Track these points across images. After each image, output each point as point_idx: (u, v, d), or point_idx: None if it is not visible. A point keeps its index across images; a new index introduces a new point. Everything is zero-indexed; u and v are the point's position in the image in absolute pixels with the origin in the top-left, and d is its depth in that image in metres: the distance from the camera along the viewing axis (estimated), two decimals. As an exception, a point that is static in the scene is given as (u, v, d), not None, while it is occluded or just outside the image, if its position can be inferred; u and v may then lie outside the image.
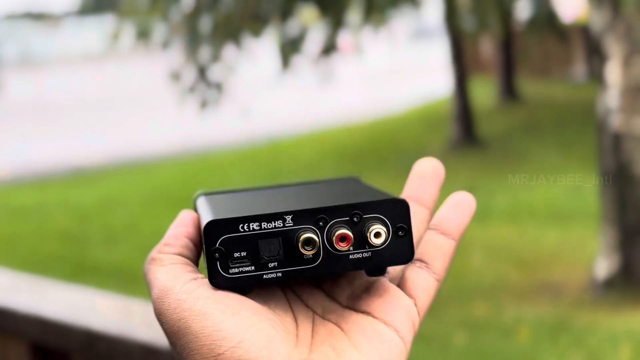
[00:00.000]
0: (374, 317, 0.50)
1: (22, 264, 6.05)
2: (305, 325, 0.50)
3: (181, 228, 0.57)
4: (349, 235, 0.49)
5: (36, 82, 24.51)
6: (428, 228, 0.55)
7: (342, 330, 0.50)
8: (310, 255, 0.49)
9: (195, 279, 0.50)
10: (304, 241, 0.48)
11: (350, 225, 0.49)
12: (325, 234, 0.49)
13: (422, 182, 0.55)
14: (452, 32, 10.02)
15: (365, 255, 0.50)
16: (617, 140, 4.70)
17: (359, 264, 0.50)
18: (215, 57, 7.16)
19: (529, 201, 7.02)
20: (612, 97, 4.70)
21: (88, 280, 5.61)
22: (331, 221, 0.49)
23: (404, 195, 0.55)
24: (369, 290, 0.52)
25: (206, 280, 0.50)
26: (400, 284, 0.53)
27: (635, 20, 4.63)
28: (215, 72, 7.30)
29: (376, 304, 0.51)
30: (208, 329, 0.47)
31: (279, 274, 0.49)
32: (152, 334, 0.92)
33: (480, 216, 6.66)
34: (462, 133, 10.01)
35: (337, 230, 0.49)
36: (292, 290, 0.53)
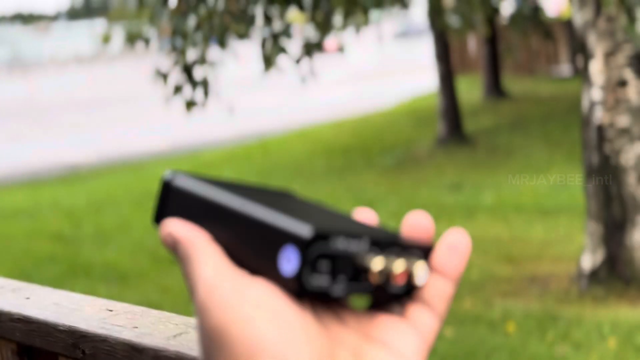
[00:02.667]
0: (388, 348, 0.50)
1: (14, 265, 6.08)
2: (335, 325, 0.50)
3: None
4: (409, 273, 0.50)
5: (27, 83, 24.44)
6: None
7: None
8: (374, 281, 0.48)
9: (242, 276, 0.48)
10: (376, 266, 0.48)
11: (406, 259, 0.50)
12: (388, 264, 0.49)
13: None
14: (436, 29, 10.07)
15: (400, 291, 0.50)
16: (601, 134, 4.76)
17: (393, 297, 0.51)
18: (201, 57, 7.19)
19: (515, 196, 7.08)
20: (595, 92, 4.76)
21: (80, 280, 5.64)
22: (400, 255, 0.49)
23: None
24: (380, 324, 0.51)
25: (259, 281, 0.48)
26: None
27: (617, 16, 4.69)
28: (200, 72, 7.33)
29: (390, 336, 0.50)
30: (249, 337, 0.45)
31: (345, 292, 0.48)
32: (136, 333, 0.96)
33: (468, 212, 6.71)
34: (449, 129, 10.07)
35: (400, 265, 0.49)
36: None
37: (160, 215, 0.53)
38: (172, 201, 0.53)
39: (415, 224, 0.54)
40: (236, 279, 0.48)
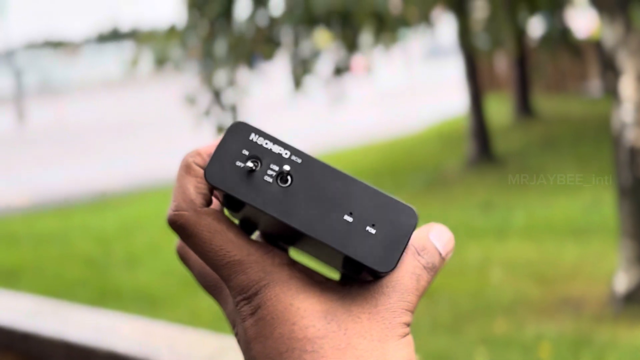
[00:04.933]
0: None
1: (46, 290, 6.12)
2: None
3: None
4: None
5: (57, 109, 24.73)
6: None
7: None
8: None
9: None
10: None
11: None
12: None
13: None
14: (466, 49, 10.06)
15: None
16: (633, 155, 4.71)
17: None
18: (230, 80, 7.24)
19: (547, 216, 7.02)
20: (626, 111, 4.71)
21: (111, 304, 5.66)
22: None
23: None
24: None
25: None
26: None
27: (648, 34, 4.65)
28: (229, 95, 7.38)
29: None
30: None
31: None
32: (175, 356, 0.95)
33: (499, 233, 6.66)
34: (479, 150, 10.02)
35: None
36: None
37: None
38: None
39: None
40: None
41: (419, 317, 4.83)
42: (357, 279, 0.52)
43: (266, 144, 0.51)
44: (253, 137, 0.51)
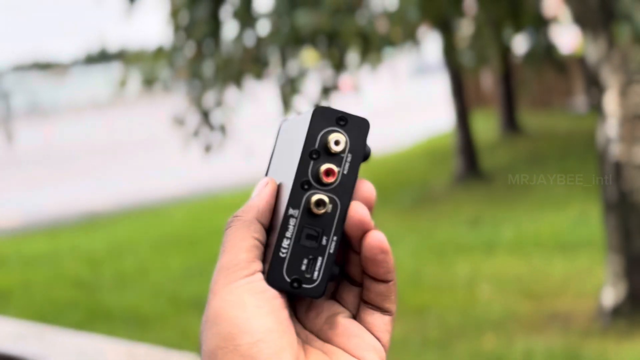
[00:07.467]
0: (351, 355, 0.56)
1: (35, 311, 6.10)
2: (300, 347, 0.55)
3: (271, 200, 0.58)
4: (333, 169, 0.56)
5: (45, 130, 24.69)
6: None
7: (329, 359, 0.56)
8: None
9: (254, 272, 0.54)
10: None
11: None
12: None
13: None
14: (451, 67, 10.13)
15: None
16: (619, 169, 4.75)
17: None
18: (218, 100, 7.27)
19: (534, 232, 7.05)
20: (611, 126, 4.76)
21: (100, 325, 5.65)
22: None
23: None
24: (339, 327, 0.57)
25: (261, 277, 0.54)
26: (364, 327, 0.58)
27: (630, 50, 4.71)
28: (217, 116, 7.40)
29: (352, 344, 0.56)
30: (240, 319, 0.51)
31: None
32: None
33: (487, 248, 6.69)
34: (466, 166, 10.07)
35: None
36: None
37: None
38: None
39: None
40: (249, 272, 0.54)
41: (409, 333, 4.85)
42: None
43: None
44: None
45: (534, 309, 5.23)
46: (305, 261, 0.55)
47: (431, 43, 10.25)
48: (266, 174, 0.62)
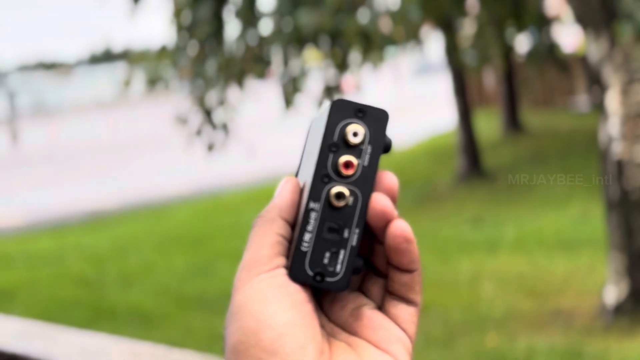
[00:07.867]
0: (377, 347, 0.56)
1: (40, 310, 6.13)
2: (325, 340, 0.55)
3: (295, 196, 0.58)
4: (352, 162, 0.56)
5: (50, 130, 24.74)
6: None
7: (355, 351, 0.56)
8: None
9: (276, 267, 0.54)
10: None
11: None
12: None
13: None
14: (454, 66, 10.14)
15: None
16: (621, 168, 4.76)
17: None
18: (221, 99, 7.29)
19: (537, 230, 7.07)
20: (613, 125, 4.78)
21: (105, 323, 5.68)
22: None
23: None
24: (364, 319, 0.57)
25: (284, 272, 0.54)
26: (390, 319, 0.58)
27: (632, 49, 4.72)
28: (220, 115, 7.42)
29: (378, 336, 0.56)
30: (262, 313, 0.52)
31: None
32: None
33: (490, 247, 6.71)
34: (469, 165, 10.08)
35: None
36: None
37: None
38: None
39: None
40: (272, 266, 0.54)
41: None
42: None
43: None
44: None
45: (537, 307, 5.24)
46: (327, 254, 0.55)
47: (434, 42, 10.26)
48: (296, 175, 0.62)
